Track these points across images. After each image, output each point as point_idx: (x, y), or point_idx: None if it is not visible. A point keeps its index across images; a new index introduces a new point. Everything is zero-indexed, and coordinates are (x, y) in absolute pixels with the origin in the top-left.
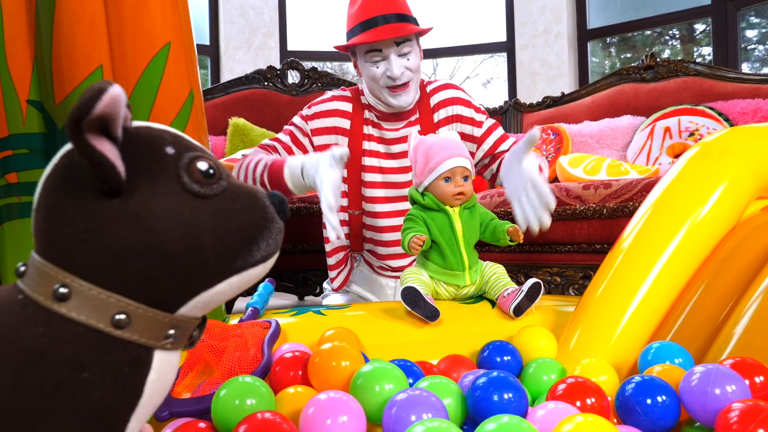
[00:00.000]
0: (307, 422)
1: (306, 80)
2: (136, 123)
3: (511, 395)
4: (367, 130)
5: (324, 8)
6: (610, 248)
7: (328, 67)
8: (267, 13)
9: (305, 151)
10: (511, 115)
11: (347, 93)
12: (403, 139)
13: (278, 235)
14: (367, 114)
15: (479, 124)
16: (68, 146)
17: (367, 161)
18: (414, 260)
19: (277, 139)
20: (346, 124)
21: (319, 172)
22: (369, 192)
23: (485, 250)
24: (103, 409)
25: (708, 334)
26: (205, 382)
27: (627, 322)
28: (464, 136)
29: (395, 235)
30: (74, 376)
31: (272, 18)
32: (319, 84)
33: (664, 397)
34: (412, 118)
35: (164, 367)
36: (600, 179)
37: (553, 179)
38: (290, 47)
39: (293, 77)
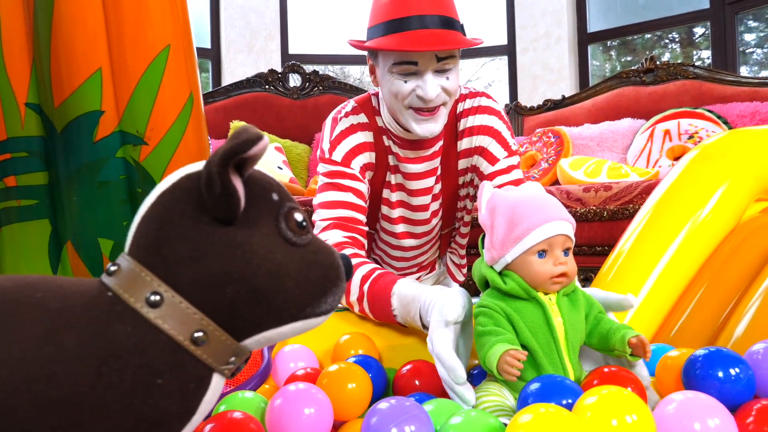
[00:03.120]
0: (274, 414)
1: (307, 84)
2: (255, 168)
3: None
4: (391, 160)
5: (325, 11)
6: (611, 250)
7: (329, 70)
8: (268, 16)
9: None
10: (512, 118)
11: (363, 118)
12: (424, 175)
13: (342, 293)
14: (386, 141)
15: (494, 162)
16: (190, 168)
17: (390, 195)
18: (430, 265)
19: (339, 204)
20: (372, 157)
21: (433, 333)
22: (387, 226)
23: (472, 253)
24: (165, 418)
25: (709, 335)
26: None
27: (629, 322)
28: (473, 169)
29: (409, 262)
30: (150, 380)
31: (273, 21)
32: (321, 87)
33: (737, 370)
34: (436, 147)
35: (216, 391)
36: (600, 182)
37: (554, 182)
38: (291, 51)
39: (294, 80)
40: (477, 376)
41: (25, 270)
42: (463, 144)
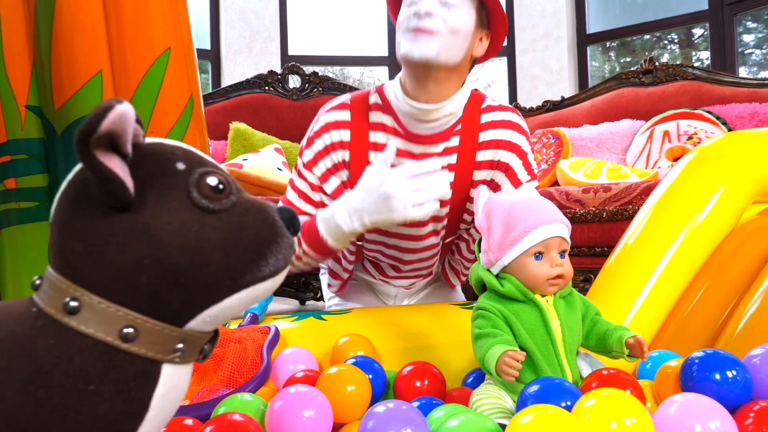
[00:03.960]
0: (273, 416)
1: (307, 85)
2: (149, 139)
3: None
4: (375, 137)
5: (325, 13)
6: (610, 251)
7: (329, 71)
8: (268, 17)
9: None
10: None
11: (346, 115)
12: (434, 156)
13: (287, 249)
14: (379, 118)
15: (517, 184)
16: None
17: None
18: (429, 271)
19: (303, 196)
20: (344, 155)
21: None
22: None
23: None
24: (108, 423)
25: (707, 337)
26: (204, 388)
27: (629, 324)
28: (491, 183)
29: (405, 265)
30: (81, 388)
31: (273, 22)
32: (320, 89)
33: (734, 372)
34: (448, 144)
35: (173, 381)
36: (600, 183)
37: (553, 183)
38: (291, 52)
39: (294, 82)
40: (475, 379)
41: (25, 272)
42: (487, 155)
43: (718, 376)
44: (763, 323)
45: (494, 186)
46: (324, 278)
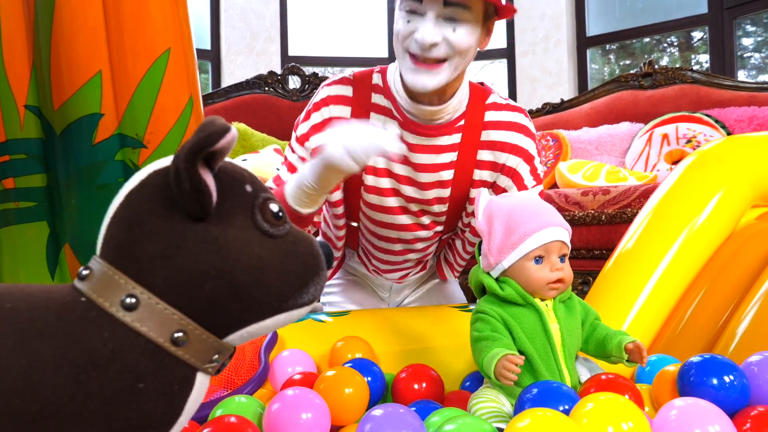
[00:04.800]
0: (271, 418)
1: (307, 86)
2: (226, 160)
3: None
4: (376, 119)
5: (325, 14)
6: (609, 254)
7: (329, 72)
8: (268, 18)
9: None
10: None
11: (348, 91)
12: (434, 168)
13: (324, 281)
14: (381, 101)
15: (520, 184)
16: (160, 165)
17: (378, 181)
18: (422, 264)
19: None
20: (343, 115)
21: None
22: (372, 198)
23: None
24: (150, 421)
25: (706, 342)
26: None
27: (627, 328)
28: (493, 185)
29: (401, 255)
30: (131, 385)
31: (273, 23)
32: None
33: (731, 377)
34: (448, 140)
35: (202, 390)
36: (599, 185)
37: (552, 185)
38: (291, 52)
39: (294, 82)
40: (473, 382)
41: (23, 272)
42: (489, 156)
43: (715, 381)
44: (761, 327)
45: (499, 190)
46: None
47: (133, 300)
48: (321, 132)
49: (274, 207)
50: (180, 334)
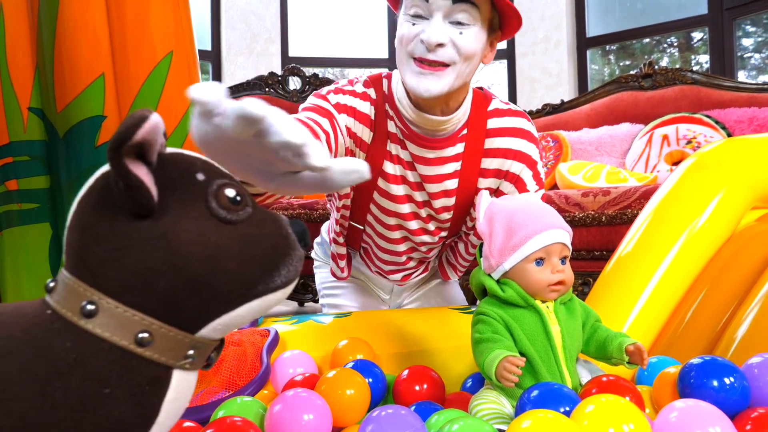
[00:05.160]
0: (272, 420)
1: (307, 86)
2: (170, 149)
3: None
4: (392, 148)
5: (325, 14)
6: (609, 255)
7: (329, 73)
8: (269, 19)
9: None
10: None
11: (373, 93)
12: (439, 179)
13: (298, 262)
14: (391, 127)
15: (523, 189)
16: (105, 168)
17: (389, 187)
18: (425, 266)
19: (305, 124)
20: (364, 133)
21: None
22: (385, 203)
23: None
24: (121, 426)
25: (706, 344)
26: (204, 391)
27: (628, 329)
28: (496, 191)
29: (402, 257)
30: (97, 391)
31: (274, 24)
32: None
33: (732, 379)
34: (452, 151)
35: (182, 387)
36: (599, 186)
37: (553, 186)
38: (292, 53)
39: (294, 83)
40: (474, 384)
41: (25, 273)
42: (493, 163)
43: (715, 383)
44: (762, 329)
45: (501, 195)
46: (318, 274)
47: (93, 306)
48: (353, 117)
49: (230, 192)
50: (144, 335)
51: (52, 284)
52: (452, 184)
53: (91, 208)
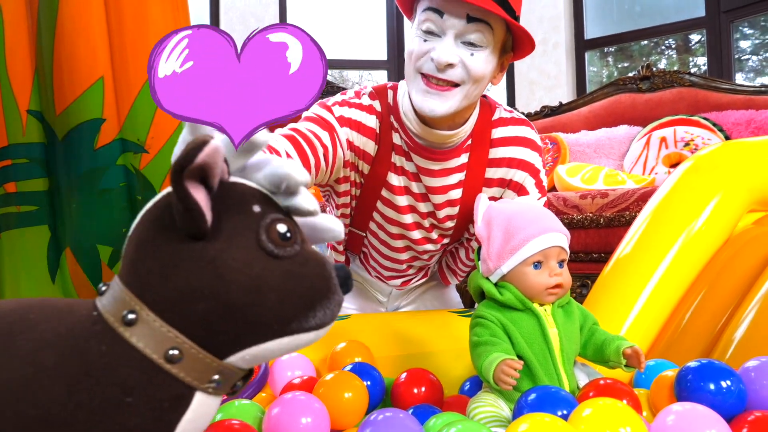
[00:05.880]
0: (270, 423)
1: None
2: (234, 178)
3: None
4: (397, 160)
5: (324, 16)
6: (607, 257)
7: (328, 75)
8: (268, 20)
9: (335, 150)
10: None
11: (377, 104)
12: (443, 190)
13: (336, 307)
14: (396, 139)
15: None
16: (170, 188)
17: (394, 198)
18: (425, 272)
19: (304, 136)
20: (367, 146)
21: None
22: (389, 212)
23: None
24: None
25: (704, 346)
26: None
27: (625, 332)
28: (497, 198)
29: (404, 265)
30: (119, 398)
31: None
32: None
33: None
34: (457, 162)
35: (202, 410)
36: (597, 188)
37: (551, 188)
38: None
39: None
40: (472, 387)
41: (24, 276)
42: (498, 173)
43: (712, 386)
44: (759, 332)
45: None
46: None
47: (133, 316)
48: (356, 131)
49: (281, 228)
50: (175, 352)
51: (104, 288)
52: (457, 194)
53: (151, 223)
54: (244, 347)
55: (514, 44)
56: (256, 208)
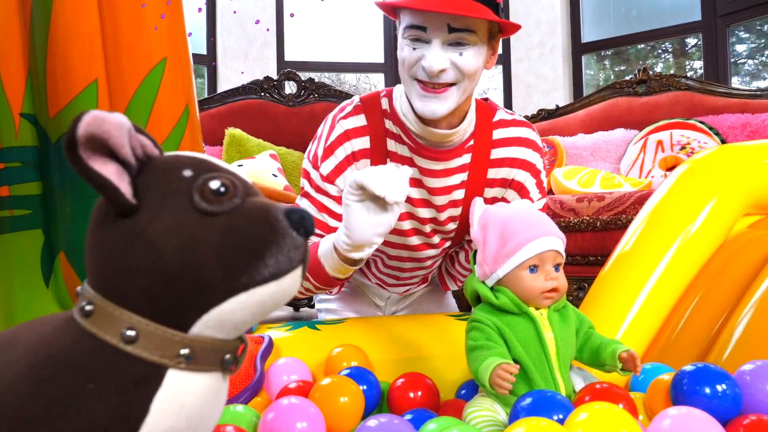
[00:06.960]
0: (266, 428)
1: (303, 91)
2: (169, 153)
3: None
4: (391, 145)
5: (322, 19)
6: (604, 260)
7: (325, 77)
8: (265, 23)
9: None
10: None
11: (362, 120)
12: (446, 190)
13: (292, 251)
14: (391, 127)
15: (526, 198)
16: None
17: None
18: (426, 278)
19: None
20: (366, 165)
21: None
22: (389, 237)
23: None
24: (103, 423)
25: (699, 350)
26: None
27: (622, 336)
28: (499, 199)
29: (407, 273)
30: (80, 386)
31: (270, 28)
32: (316, 95)
33: (724, 386)
34: (459, 162)
35: (179, 388)
36: (593, 192)
37: (548, 191)
38: (287, 57)
39: (290, 88)
40: (469, 391)
41: (17, 280)
42: (499, 173)
43: (708, 390)
44: (754, 336)
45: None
46: None
47: (90, 307)
48: (348, 169)
49: (213, 184)
50: (131, 333)
51: (79, 289)
52: (459, 194)
53: (93, 216)
54: (201, 313)
55: (500, 25)
56: (187, 172)
